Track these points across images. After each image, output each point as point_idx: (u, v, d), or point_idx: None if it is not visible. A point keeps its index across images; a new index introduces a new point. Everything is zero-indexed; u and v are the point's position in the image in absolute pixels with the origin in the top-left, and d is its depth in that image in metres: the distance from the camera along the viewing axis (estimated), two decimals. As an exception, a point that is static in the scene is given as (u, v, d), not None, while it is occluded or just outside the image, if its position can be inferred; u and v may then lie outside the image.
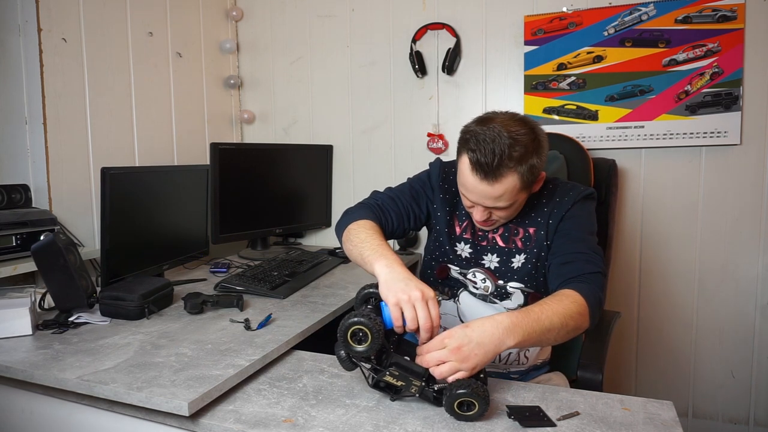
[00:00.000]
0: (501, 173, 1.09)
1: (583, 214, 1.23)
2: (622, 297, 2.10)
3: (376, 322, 0.93)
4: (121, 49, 1.97)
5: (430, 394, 0.98)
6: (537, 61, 2.08)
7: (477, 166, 1.10)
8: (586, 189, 1.27)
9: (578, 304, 1.05)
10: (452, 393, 0.91)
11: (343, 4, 2.37)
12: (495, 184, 1.10)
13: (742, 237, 1.95)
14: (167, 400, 0.95)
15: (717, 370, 2.03)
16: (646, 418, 0.94)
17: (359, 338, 0.94)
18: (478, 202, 1.16)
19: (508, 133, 1.09)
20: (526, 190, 1.16)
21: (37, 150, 1.70)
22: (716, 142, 1.91)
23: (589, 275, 1.12)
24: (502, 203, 1.14)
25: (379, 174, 2.38)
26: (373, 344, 0.93)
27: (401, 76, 2.30)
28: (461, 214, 1.32)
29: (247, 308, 1.48)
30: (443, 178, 1.34)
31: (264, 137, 2.58)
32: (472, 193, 1.15)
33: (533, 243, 1.25)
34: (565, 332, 1.02)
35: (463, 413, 0.92)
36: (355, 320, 0.93)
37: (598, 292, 1.09)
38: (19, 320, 1.27)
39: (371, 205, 1.32)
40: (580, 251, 1.17)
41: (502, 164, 1.08)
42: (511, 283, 1.27)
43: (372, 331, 0.93)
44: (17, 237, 1.57)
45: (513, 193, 1.13)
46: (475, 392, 0.90)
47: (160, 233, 1.80)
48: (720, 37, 1.87)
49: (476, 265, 1.30)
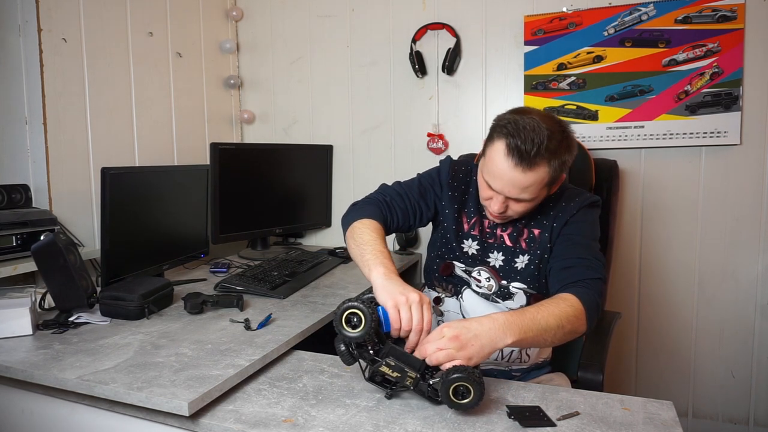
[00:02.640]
0: (536, 162, 1.09)
1: (587, 220, 1.25)
2: (622, 297, 2.10)
3: (369, 307, 0.96)
4: (121, 49, 1.97)
5: (425, 388, 0.98)
6: (537, 61, 2.08)
7: (515, 151, 1.09)
8: (592, 196, 1.29)
9: (575, 308, 1.06)
10: (447, 379, 0.92)
11: (343, 4, 2.37)
12: (528, 172, 1.10)
13: (742, 237, 1.95)
14: (167, 400, 0.95)
15: (717, 370, 2.03)
16: (646, 418, 0.94)
17: (353, 324, 0.96)
18: (503, 190, 1.15)
19: (546, 125, 1.10)
20: (548, 187, 1.17)
21: (37, 150, 1.70)
22: (716, 142, 1.91)
23: (590, 281, 1.13)
24: (527, 195, 1.14)
25: (379, 174, 2.38)
26: (367, 327, 0.95)
27: (401, 76, 2.30)
28: (470, 211, 1.33)
29: (247, 308, 1.48)
30: (452, 175, 1.35)
31: (264, 137, 2.59)
32: (500, 179, 1.13)
33: (537, 245, 1.26)
34: (561, 334, 1.04)
35: (459, 401, 0.92)
36: (349, 304, 0.96)
37: (596, 298, 1.11)
38: (19, 320, 1.27)
39: (379, 201, 1.33)
40: (582, 256, 1.18)
41: (539, 153, 1.09)
42: (513, 284, 1.28)
43: (365, 314, 0.95)
44: (17, 237, 1.57)
45: (540, 185, 1.13)
46: (470, 377, 0.91)
47: (160, 233, 1.80)
48: (720, 37, 1.87)
49: (482, 262, 1.31)
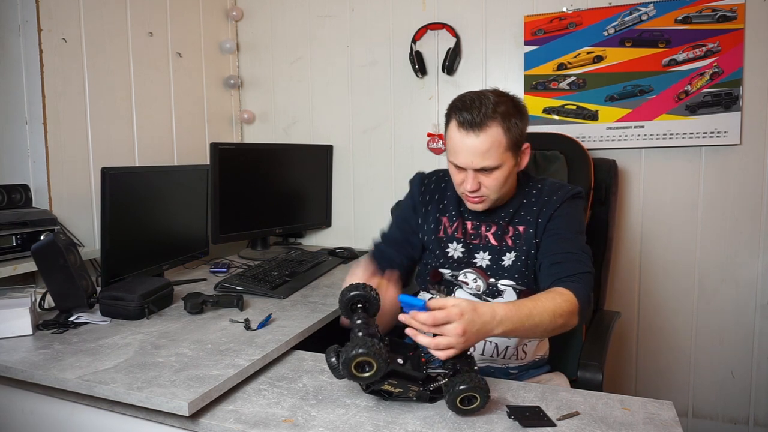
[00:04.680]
0: (486, 123, 1.15)
1: (571, 213, 1.26)
2: (622, 297, 2.10)
3: (377, 348, 0.90)
4: (121, 49, 1.97)
5: (426, 396, 0.98)
6: (537, 61, 2.08)
7: (465, 120, 1.16)
8: (574, 188, 1.30)
9: (570, 302, 1.08)
10: (455, 390, 0.92)
11: (343, 4, 2.37)
12: (481, 134, 1.15)
13: (742, 237, 1.95)
14: (167, 400, 0.95)
15: (717, 370, 2.03)
16: (646, 418, 0.94)
17: (363, 368, 0.91)
18: (467, 163, 1.18)
19: (492, 94, 1.19)
20: (512, 152, 1.20)
21: (37, 150, 1.70)
22: (716, 142, 1.91)
23: (581, 275, 1.15)
24: (491, 161, 1.17)
25: (379, 174, 2.38)
26: (379, 371, 0.91)
27: (401, 76, 2.30)
28: (451, 215, 1.34)
29: (247, 308, 1.49)
30: (423, 190, 1.39)
31: (264, 137, 2.58)
32: (461, 152, 1.18)
33: (523, 241, 1.27)
34: (552, 328, 1.06)
35: (466, 407, 0.93)
36: (358, 352, 0.89)
37: (588, 292, 1.13)
38: (19, 320, 1.27)
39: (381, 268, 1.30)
40: (570, 251, 1.19)
41: (487, 115, 1.15)
42: (502, 281, 1.28)
43: (377, 360, 0.90)
44: (17, 237, 1.57)
45: (499, 148, 1.16)
46: (477, 386, 0.91)
47: (160, 233, 1.80)
48: (720, 37, 1.87)
49: (468, 264, 1.31)
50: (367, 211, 2.43)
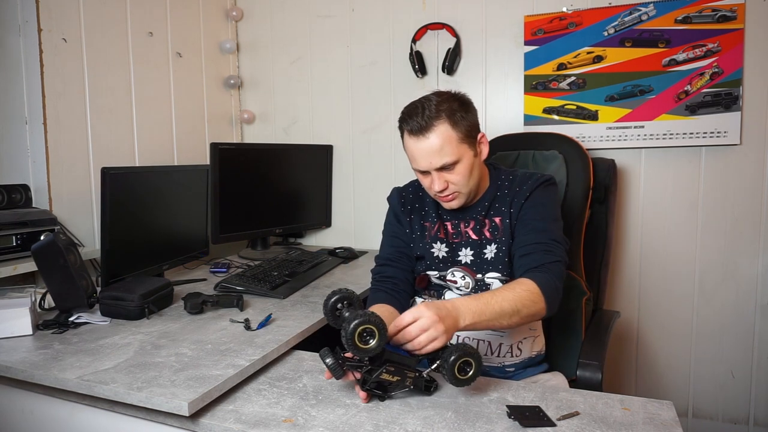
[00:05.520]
0: (432, 124, 1.19)
1: (543, 202, 1.28)
2: (622, 297, 2.10)
3: (374, 317, 0.93)
4: (121, 49, 1.97)
5: (421, 383, 1.01)
6: (537, 61, 2.08)
7: (413, 128, 1.21)
8: (545, 176, 1.31)
9: (531, 291, 1.11)
10: (448, 363, 0.95)
11: (343, 4, 2.37)
12: (430, 135, 1.19)
13: (742, 237, 1.95)
14: (167, 400, 0.95)
15: (717, 370, 2.03)
16: (646, 418, 0.94)
17: (365, 339, 0.93)
18: (427, 165, 1.22)
19: (434, 95, 1.24)
20: (467, 144, 1.22)
21: (37, 150, 1.70)
22: (716, 142, 1.91)
23: (549, 265, 1.18)
24: (449, 157, 1.20)
25: (379, 174, 2.38)
26: (382, 337, 0.93)
27: (401, 76, 2.30)
28: (432, 218, 1.37)
29: (247, 308, 1.49)
30: (403, 202, 1.41)
31: (264, 137, 2.58)
32: (419, 158, 1.22)
33: (501, 232, 1.29)
34: (518, 318, 1.09)
35: (464, 377, 0.96)
36: (360, 320, 0.91)
37: (554, 281, 1.15)
38: (19, 320, 1.27)
39: (386, 291, 1.35)
40: (539, 241, 1.22)
41: (431, 116, 1.19)
42: (488, 275, 1.30)
43: (378, 326, 0.93)
44: (17, 237, 1.57)
45: (452, 143, 1.20)
46: (467, 352, 0.95)
47: (160, 233, 1.80)
48: (720, 37, 1.87)
49: (453, 263, 1.33)
50: (367, 211, 2.43)
